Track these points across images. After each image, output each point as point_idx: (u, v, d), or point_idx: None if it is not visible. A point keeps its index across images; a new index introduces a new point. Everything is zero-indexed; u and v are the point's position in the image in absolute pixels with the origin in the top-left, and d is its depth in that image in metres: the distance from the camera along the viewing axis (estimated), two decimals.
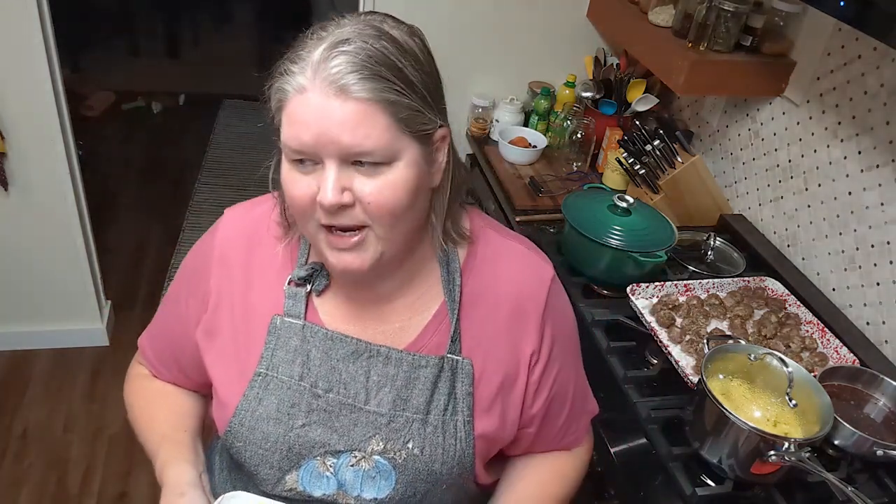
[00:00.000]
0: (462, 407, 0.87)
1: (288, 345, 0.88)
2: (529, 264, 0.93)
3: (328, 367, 0.87)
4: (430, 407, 0.87)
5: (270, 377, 0.88)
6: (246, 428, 0.87)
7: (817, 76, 1.64)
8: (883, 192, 1.46)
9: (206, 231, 0.96)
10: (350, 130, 0.71)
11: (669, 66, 1.76)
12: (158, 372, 1.04)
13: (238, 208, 0.96)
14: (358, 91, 0.71)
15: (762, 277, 1.58)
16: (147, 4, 5.06)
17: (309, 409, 0.87)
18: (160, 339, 1.03)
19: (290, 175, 0.77)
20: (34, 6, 1.94)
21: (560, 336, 0.94)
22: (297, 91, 0.73)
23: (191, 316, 0.94)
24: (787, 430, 1.11)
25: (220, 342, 0.92)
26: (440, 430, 0.87)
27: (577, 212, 1.57)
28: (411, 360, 0.87)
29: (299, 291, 0.89)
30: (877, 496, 1.17)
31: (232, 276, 0.91)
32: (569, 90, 2.31)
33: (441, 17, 2.21)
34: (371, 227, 0.77)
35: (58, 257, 2.37)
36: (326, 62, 0.71)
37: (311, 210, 0.77)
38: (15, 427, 2.30)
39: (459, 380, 0.88)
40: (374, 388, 0.87)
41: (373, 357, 0.87)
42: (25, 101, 2.07)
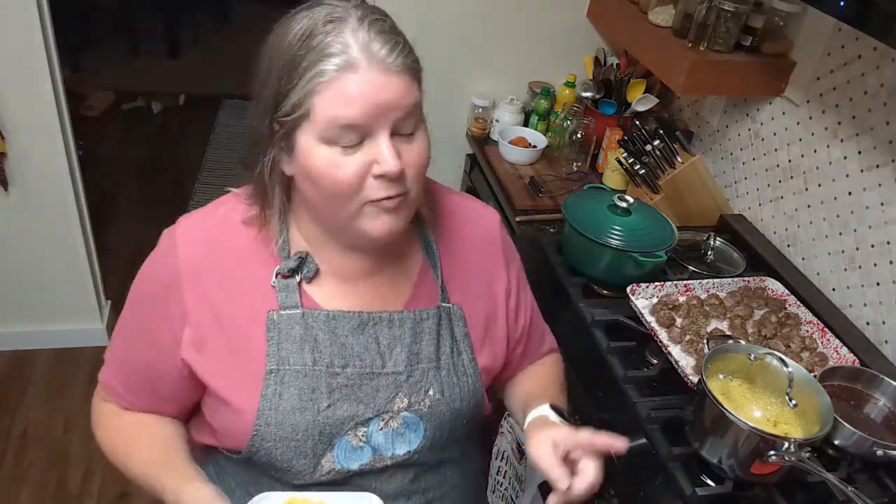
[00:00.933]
0: (464, 347, 0.97)
1: (292, 335, 0.89)
2: (478, 212, 1.05)
3: (338, 345, 0.90)
4: (440, 354, 0.94)
5: (283, 371, 0.88)
6: (273, 426, 0.87)
7: (817, 76, 1.64)
8: (883, 192, 1.46)
9: (157, 249, 0.92)
10: (403, 97, 0.78)
11: (669, 66, 1.76)
12: (132, 403, 0.98)
13: (190, 219, 0.92)
14: (402, 65, 0.78)
15: (762, 277, 1.58)
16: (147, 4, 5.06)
17: (330, 390, 0.89)
18: (129, 370, 0.97)
19: (332, 159, 0.78)
20: (34, 6, 1.94)
21: (518, 266, 1.08)
22: (344, 69, 0.75)
23: (164, 340, 0.90)
24: (787, 430, 1.11)
25: (215, 354, 0.89)
26: (453, 372, 0.95)
27: (577, 212, 1.57)
28: (413, 316, 0.94)
29: (290, 283, 0.89)
30: (877, 496, 1.17)
31: (208, 288, 0.88)
32: (569, 90, 2.31)
33: (441, 17, 2.21)
34: (408, 192, 0.83)
35: (58, 257, 2.37)
36: (372, 42, 0.76)
37: (358, 189, 0.79)
38: (15, 427, 2.30)
39: (455, 324, 0.97)
40: (386, 352, 0.92)
41: (377, 324, 0.92)
42: (25, 101, 2.07)
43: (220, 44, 5.14)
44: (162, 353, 0.91)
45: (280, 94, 0.78)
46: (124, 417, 0.99)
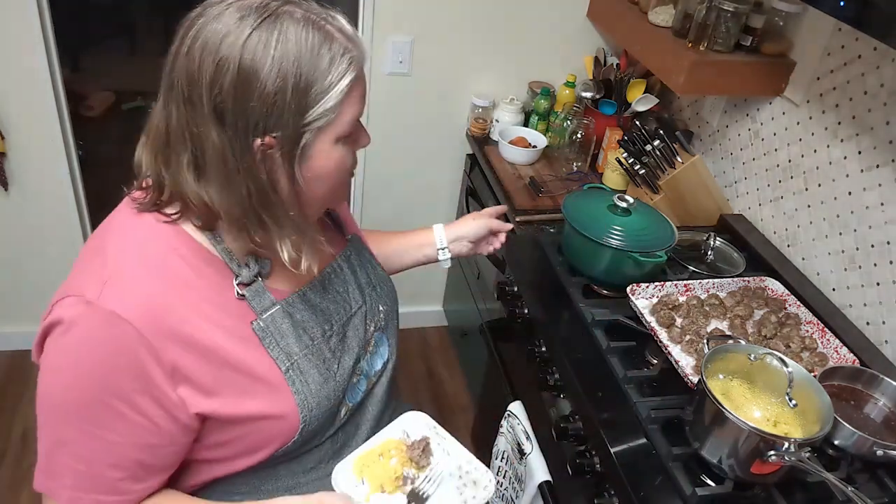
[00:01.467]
0: (373, 261, 1.16)
1: (283, 330, 0.93)
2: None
3: (318, 312, 0.99)
4: (369, 275, 1.12)
5: (296, 361, 0.93)
6: (315, 408, 0.94)
7: (817, 76, 1.64)
8: (883, 192, 1.46)
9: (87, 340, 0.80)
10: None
11: (669, 66, 1.76)
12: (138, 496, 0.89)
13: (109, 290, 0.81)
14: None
15: (762, 277, 1.58)
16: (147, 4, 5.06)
17: (332, 352, 0.99)
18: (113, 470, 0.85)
19: (339, 153, 0.87)
20: (34, 6, 1.94)
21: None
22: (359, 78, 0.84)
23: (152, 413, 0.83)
24: (787, 430, 1.11)
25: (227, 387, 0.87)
26: (380, 283, 1.14)
27: (577, 212, 1.57)
28: (343, 257, 1.09)
29: (256, 287, 0.92)
30: (877, 496, 1.17)
31: (179, 336, 0.82)
32: (569, 90, 2.31)
33: (441, 18, 2.21)
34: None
35: (58, 257, 2.37)
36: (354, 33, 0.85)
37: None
38: (15, 428, 2.30)
39: (362, 248, 1.15)
40: (346, 295, 1.06)
41: (330, 278, 1.04)
42: (25, 101, 2.08)
43: None
44: (155, 430, 0.84)
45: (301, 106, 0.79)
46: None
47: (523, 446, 1.58)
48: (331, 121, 0.83)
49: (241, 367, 0.88)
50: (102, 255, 0.86)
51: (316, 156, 0.85)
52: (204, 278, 0.87)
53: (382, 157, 2.45)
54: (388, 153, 2.45)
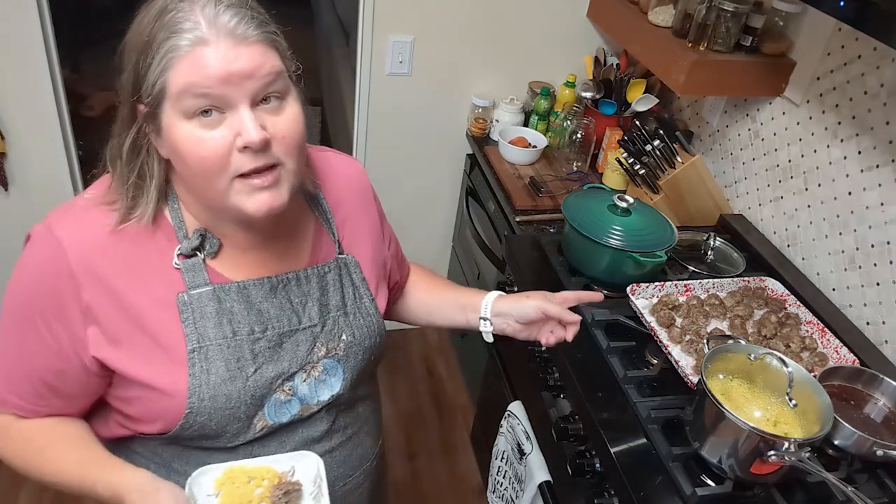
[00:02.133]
0: (363, 291, 1.05)
1: (206, 312, 0.90)
2: (350, 164, 1.11)
3: (254, 311, 0.93)
4: (345, 301, 1.03)
5: (206, 347, 0.90)
6: (207, 400, 0.89)
7: (817, 76, 1.64)
8: (883, 192, 1.46)
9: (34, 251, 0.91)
10: (260, 66, 0.79)
11: (669, 66, 1.76)
12: (32, 412, 0.95)
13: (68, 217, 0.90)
14: (255, 35, 0.79)
15: (762, 277, 1.58)
16: None
17: (254, 355, 0.92)
18: (23, 378, 0.93)
19: (192, 136, 0.79)
20: (34, 6, 1.94)
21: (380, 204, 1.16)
22: (196, 44, 0.77)
23: (63, 341, 0.88)
24: (787, 430, 1.11)
25: (131, 344, 0.89)
26: (358, 315, 1.03)
27: (577, 212, 1.57)
28: (317, 272, 1.00)
29: (195, 262, 0.90)
30: (877, 496, 1.17)
31: (106, 282, 0.87)
32: (569, 90, 2.32)
33: (441, 18, 2.21)
34: (283, 165, 0.84)
35: None
36: (219, 16, 0.78)
37: (226, 163, 0.80)
38: None
39: (353, 271, 1.04)
40: (300, 309, 0.98)
41: (287, 285, 0.97)
42: (25, 101, 2.08)
43: None
44: (63, 356, 0.89)
45: (139, 74, 0.79)
46: (25, 426, 0.96)
47: (523, 446, 1.58)
48: (163, 92, 0.79)
49: (149, 330, 0.89)
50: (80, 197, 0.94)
51: (165, 130, 0.81)
52: (152, 240, 0.90)
53: (382, 157, 2.45)
54: (388, 153, 2.46)
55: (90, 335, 0.88)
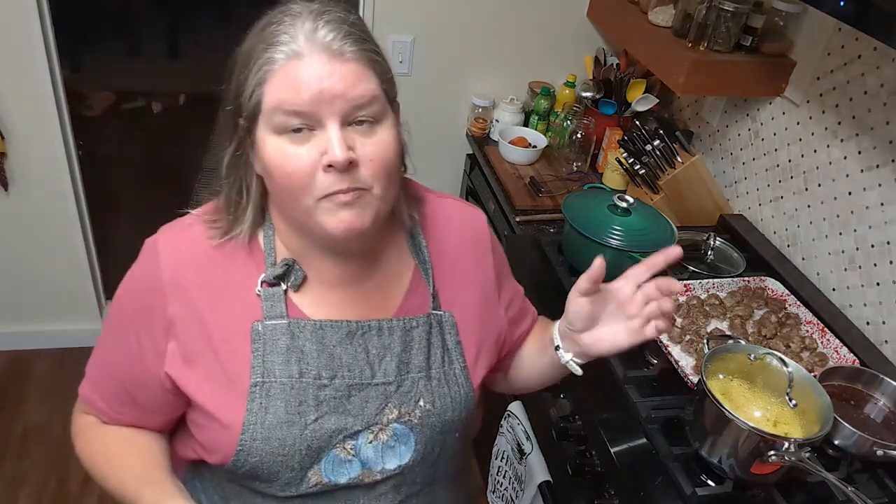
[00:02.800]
0: (456, 356, 0.94)
1: (277, 347, 0.86)
2: (468, 214, 1.02)
3: (326, 355, 0.87)
4: (430, 363, 0.92)
5: (269, 383, 0.85)
6: (259, 440, 0.85)
7: (817, 76, 1.64)
8: (883, 192, 1.46)
9: (139, 260, 0.90)
10: (352, 86, 0.76)
11: (669, 66, 1.76)
12: (113, 418, 0.96)
13: (171, 230, 0.91)
14: (352, 52, 0.76)
15: (762, 277, 1.58)
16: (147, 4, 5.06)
17: (318, 402, 0.86)
18: (110, 382, 0.95)
19: (281, 152, 0.77)
20: (34, 6, 1.94)
21: (502, 261, 1.06)
22: (291, 58, 0.75)
23: (146, 351, 0.88)
24: (787, 430, 1.11)
25: (203, 367, 0.87)
26: (444, 382, 0.92)
27: (577, 212, 1.57)
28: (402, 325, 0.91)
29: (275, 292, 0.87)
30: (877, 496, 1.17)
31: (192, 299, 0.86)
32: (569, 90, 2.32)
33: (441, 17, 2.21)
34: (369, 189, 0.79)
35: (58, 257, 2.37)
36: (317, 31, 0.75)
37: (311, 182, 0.77)
38: (15, 427, 2.30)
39: (447, 332, 0.94)
40: (376, 361, 0.89)
41: (366, 333, 0.90)
42: (25, 101, 2.08)
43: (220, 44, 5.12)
44: (145, 367, 0.89)
45: (239, 86, 0.79)
46: (105, 430, 0.97)
47: (523, 446, 1.58)
48: (258, 106, 0.77)
49: (221, 354, 0.86)
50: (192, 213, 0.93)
51: (258, 145, 0.80)
52: (242, 263, 0.88)
53: None
54: None
55: (169, 350, 0.87)
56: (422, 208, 0.98)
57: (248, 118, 0.79)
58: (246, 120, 0.79)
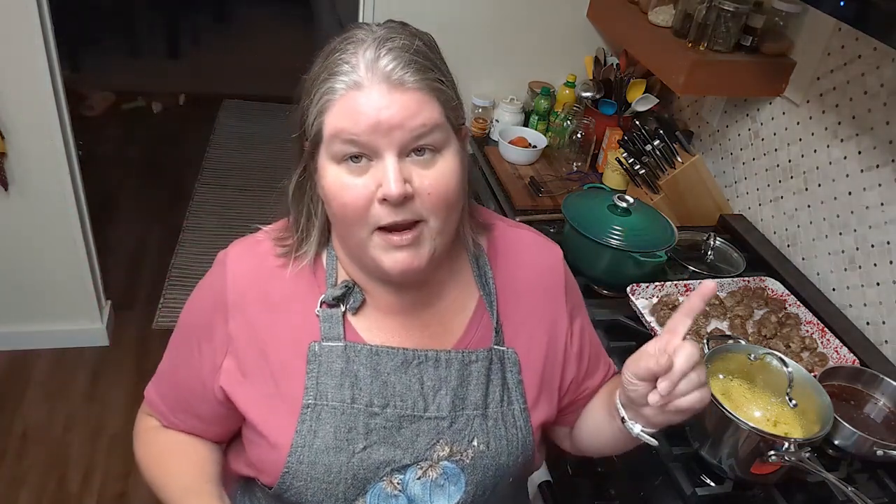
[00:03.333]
0: (516, 395, 0.90)
1: (332, 369, 0.85)
2: (543, 248, 0.98)
3: (379, 382, 0.85)
4: (488, 401, 0.88)
5: (321, 406, 0.84)
6: (306, 464, 0.83)
7: (817, 76, 1.64)
8: (883, 192, 1.46)
9: (210, 273, 0.91)
10: (412, 116, 0.74)
11: (669, 66, 1.76)
12: (172, 423, 0.97)
13: (240, 245, 0.91)
14: (414, 82, 0.75)
15: (762, 277, 1.58)
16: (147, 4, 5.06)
17: (367, 430, 0.84)
18: (171, 388, 0.96)
19: (338, 180, 0.77)
20: (34, 6, 1.94)
21: (578, 303, 1.01)
22: (351, 87, 0.74)
23: (205, 363, 0.89)
24: (787, 430, 1.11)
25: (257, 384, 0.86)
26: (501, 422, 0.88)
27: (577, 212, 1.57)
28: (461, 357, 0.88)
29: (334, 313, 0.86)
30: (877, 496, 1.17)
31: (252, 315, 0.86)
32: (569, 90, 2.31)
33: (441, 17, 2.20)
34: (426, 222, 0.78)
35: (58, 257, 2.37)
36: (378, 60, 0.74)
37: (366, 214, 0.76)
38: (15, 427, 2.30)
39: (508, 369, 0.90)
40: (430, 394, 0.86)
41: (423, 363, 0.87)
42: (25, 101, 2.07)
43: (220, 44, 5.14)
44: (202, 378, 0.90)
45: (303, 113, 0.79)
46: (163, 435, 0.97)
47: None
48: (320, 134, 0.77)
49: (276, 373, 0.86)
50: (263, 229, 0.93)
51: (319, 171, 0.80)
52: (305, 283, 0.87)
53: None
54: None
55: (225, 365, 0.87)
56: (491, 236, 0.95)
57: (312, 144, 0.79)
58: (310, 146, 0.79)
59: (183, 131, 4.12)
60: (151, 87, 4.37)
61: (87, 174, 2.38)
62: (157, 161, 3.83)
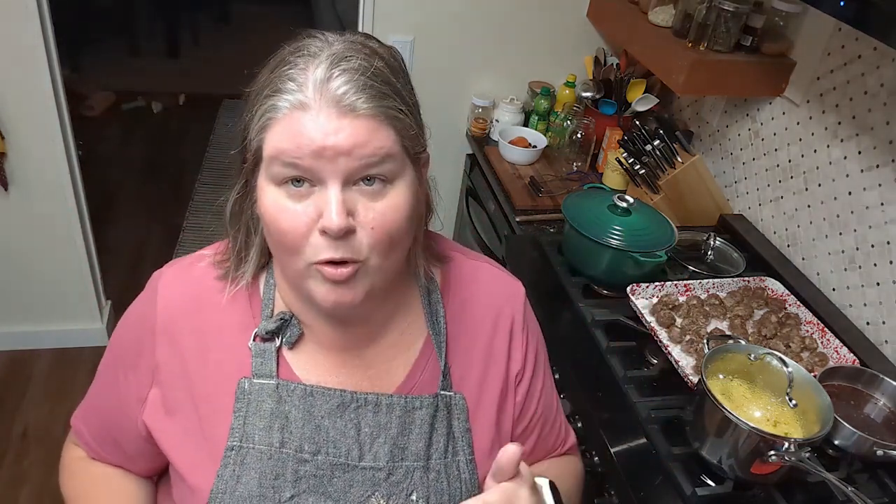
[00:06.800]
0: (462, 445, 0.83)
1: (261, 409, 0.78)
2: (502, 283, 0.91)
3: (312, 426, 0.78)
4: (431, 451, 0.81)
5: (246, 449, 0.77)
6: None
7: (817, 76, 1.64)
8: (883, 192, 1.46)
9: (141, 296, 0.85)
10: (362, 144, 0.67)
11: (669, 66, 1.76)
12: (98, 454, 0.91)
13: (175, 267, 0.84)
14: (366, 108, 0.67)
15: (762, 277, 1.58)
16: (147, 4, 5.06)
17: (296, 478, 0.77)
18: (96, 417, 0.90)
19: (277, 204, 0.69)
20: (34, 6, 1.94)
21: (541, 350, 0.92)
22: (295, 108, 0.67)
23: (130, 393, 0.83)
24: (787, 430, 1.11)
25: (181, 420, 0.80)
26: (444, 475, 0.81)
27: (577, 212, 1.57)
28: (404, 403, 0.80)
29: (268, 347, 0.79)
30: (877, 496, 1.17)
31: (181, 345, 0.80)
32: (569, 90, 2.31)
33: (441, 17, 2.21)
34: (367, 259, 0.71)
35: (58, 257, 2.37)
36: (330, 81, 0.67)
37: (304, 242, 0.69)
38: (15, 427, 2.30)
39: (455, 416, 0.83)
40: (367, 442, 0.79)
41: (361, 407, 0.80)
42: (25, 101, 2.07)
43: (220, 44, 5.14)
44: (125, 410, 0.84)
45: (245, 128, 0.72)
46: (90, 468, 0.92)
47: None
48: (260, 151, 0.70)
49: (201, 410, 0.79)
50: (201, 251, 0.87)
51: (259, 190, 0.72)
52: (239, 312, 0.81)
53: None
54: None
55: (150, 397, 0.81)
56: (446, 268, 0.88)
57: (252, 162, 0.73)
58: (250, 164, 0.73)
59: (183, 131, 4.12)
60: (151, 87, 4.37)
61: (87, 174, 2.38)
62: (157, 161, 3.83)
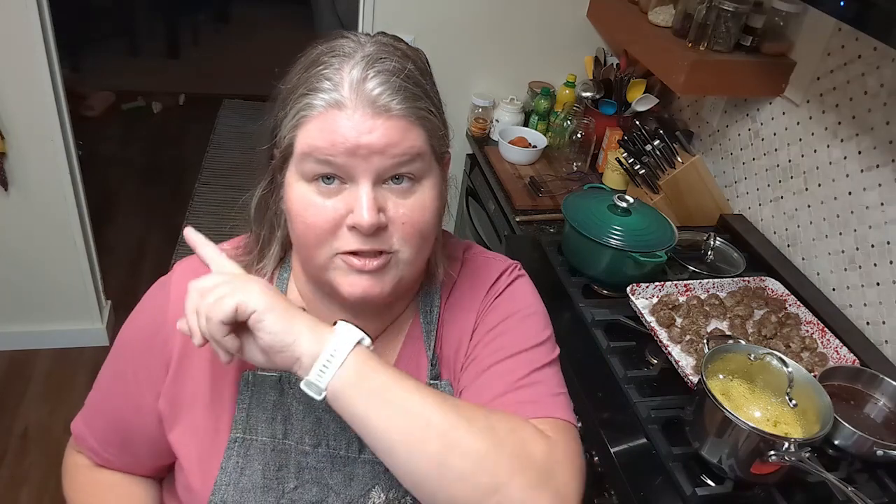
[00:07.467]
0: None
1: (265, 401, 0.80)
2: (488, 264, 0.91)
3: (312, 419, 0.80)
4: None
5: (249, 441, 0.79)
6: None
7: (817, 76, 1.64)
8: (883, 192, 1.46)
9: (149, 294, 0.86)
10: (395, 144, 0.69)
11: (669, 66, 1.76)
12: (104, 460, 0.90)
13: (185, 265, 0.85)
14: (400, 109, 0.70)
15: (762, 277, 1.58)
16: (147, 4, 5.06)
17: (299, 469, 0.79)
18: (103, 419, 0.90)
19: (306, 199, 0.71)
20: (34, 6, 1.94)
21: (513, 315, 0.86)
22: (331, 106, 0.69)
23: (143, 391, 0.83)
24: (787, 430, 1.11)
25: (189, 414, 0.81)
26: None
27: (577, 212, 1.57)
28: None
29: None
30: (877, 496, 1.17)
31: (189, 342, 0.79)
32: (569, 90, 2.31)
33: (441, 17, 2.21)
34: (397, 251, 0.73)
35: (58, 257, 2.37)
36: (366, 81, 0.69)
37: (330, 237, 0.72)
38: (15, 427, 2.30)
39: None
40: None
41: None
42: (25, 101, 2.07)
43: (220, 44, 5.14)
44: (139, 408, 0.84)
45: (276, 125, 0.74)
46: (96, 476, 0.92)
47: None
48: (291, 148, 0.72)
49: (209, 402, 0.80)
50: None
51: (286, 185, 0.74)
52: None
53: None
54: None
55: (164, 390, 0.82)
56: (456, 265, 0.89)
57: (281, 157, 0.74)
58: (279, 160, 0.75)
59: (183, 131, 4.12)
60: (151, 87, 4.36)
61: (87, 174, 2.38)
62: (157, 161, 3.83)
